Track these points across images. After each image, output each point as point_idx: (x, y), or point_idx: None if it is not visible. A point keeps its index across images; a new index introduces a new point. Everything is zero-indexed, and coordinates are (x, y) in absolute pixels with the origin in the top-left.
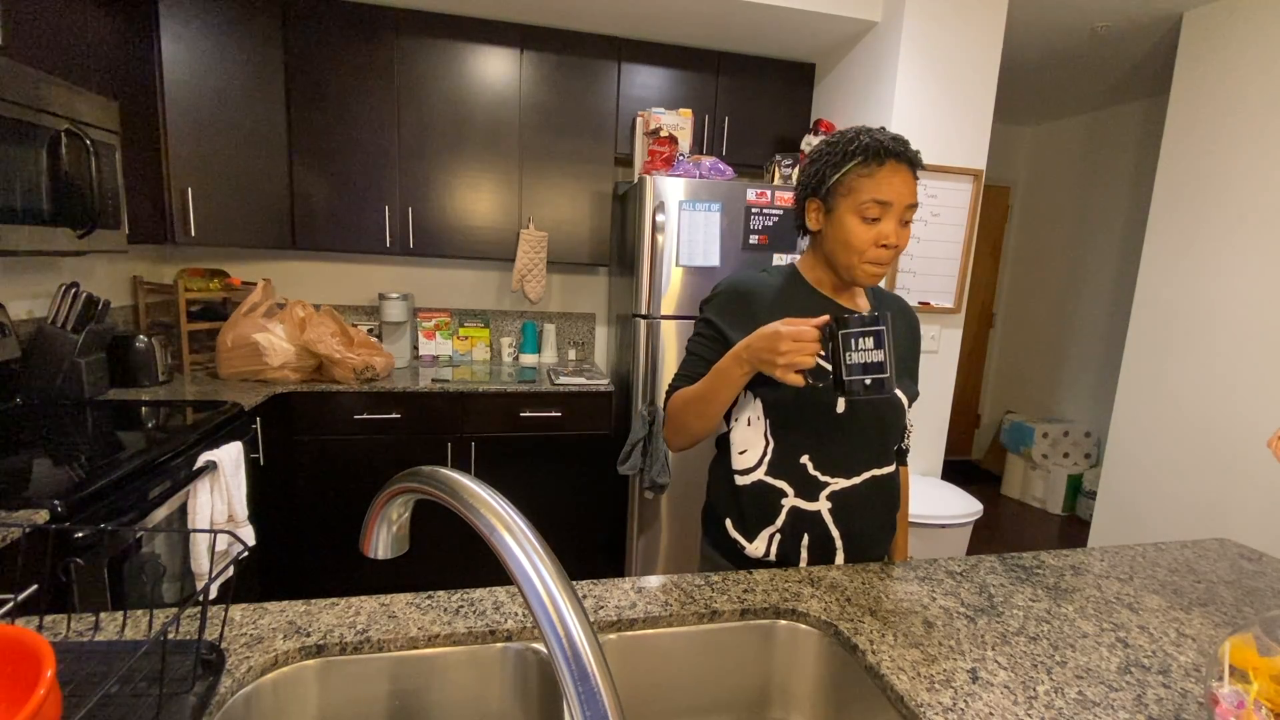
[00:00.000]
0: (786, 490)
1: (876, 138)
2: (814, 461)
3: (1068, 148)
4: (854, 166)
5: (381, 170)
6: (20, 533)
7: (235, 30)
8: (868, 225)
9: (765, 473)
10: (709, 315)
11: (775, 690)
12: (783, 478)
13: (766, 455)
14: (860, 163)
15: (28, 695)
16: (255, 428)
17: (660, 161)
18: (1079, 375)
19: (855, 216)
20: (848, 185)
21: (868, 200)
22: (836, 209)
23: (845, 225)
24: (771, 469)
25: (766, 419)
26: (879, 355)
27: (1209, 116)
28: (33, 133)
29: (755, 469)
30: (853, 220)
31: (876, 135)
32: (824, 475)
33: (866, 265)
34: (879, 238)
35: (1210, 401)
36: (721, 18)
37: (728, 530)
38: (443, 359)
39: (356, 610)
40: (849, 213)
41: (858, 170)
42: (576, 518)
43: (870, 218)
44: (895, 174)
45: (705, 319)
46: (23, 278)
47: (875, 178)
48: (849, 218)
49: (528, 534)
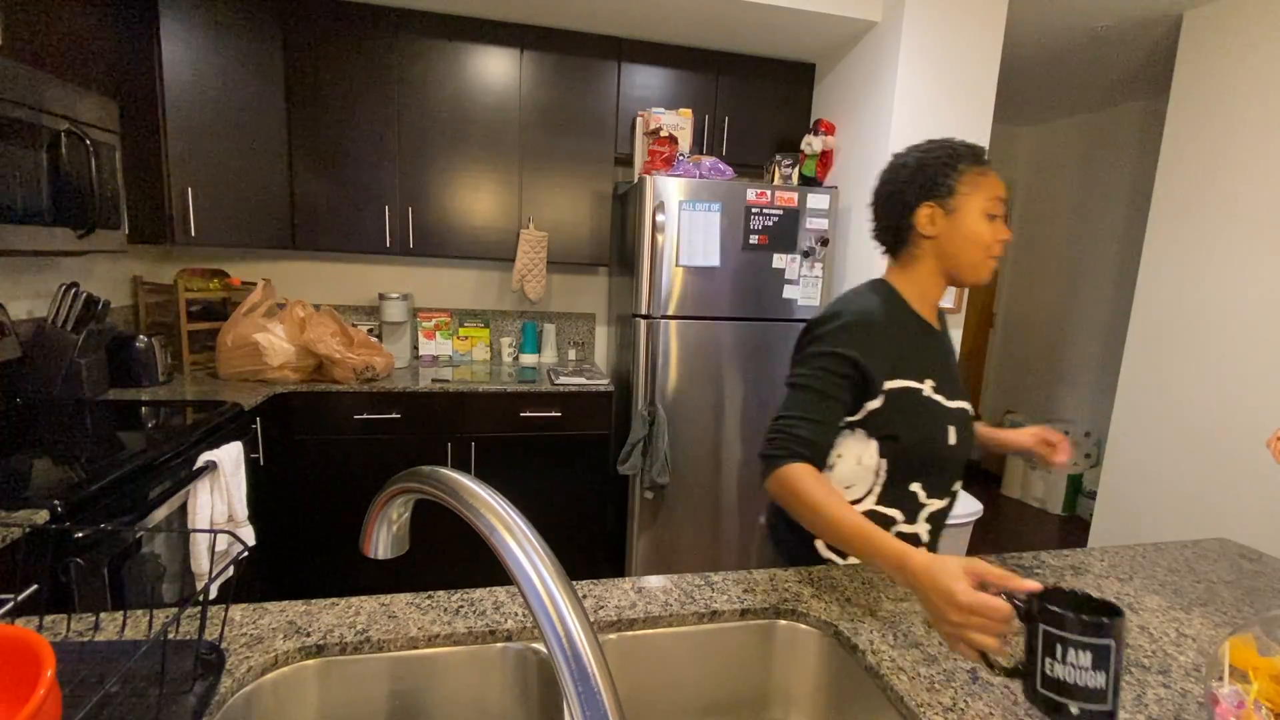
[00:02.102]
0: (896, 518)
1: (966, 143)
2: (925, 488)
3: (1068, 148)
4: (968, 166)
5: (381, 170)
6: (20, 533)
7: (235, 30)
8: (991, 223)
9: (875, 502)
10: (844, 351)
11: (775, 690)
12: (894, 506)
13: (875, 489)
14: (971, 164)
15: (28, 695)
16: (255, 428)
17: (660, 161)
18: (1079, 375)
19: (982, 215)
20: (970, 183)
21: (993, 197)
22: (960, 209)
23: (973, 223)
24: (883, 499)
25: (883, 460)
26: (1098, 679)
27: (1209, 116)
28: (33, 133)
29: (863, 500)
30: (980, 219)
31: (963, 141)
32: (928, 498)
33: (989, 261)
34: (1000, 233)
35: (1210, 401)
36: (722, 18)
37: (817, 550)
38: (443, 359)
39: (356, 610)
40: (975, 211)
41: (974, 170)
42: (576, 518)
43: (993, 215)
44: (995, 174)
45: (836, 354)
46: (23, 278)
47: (990, 177)
48: (976, 216)
49: (528, 534)
